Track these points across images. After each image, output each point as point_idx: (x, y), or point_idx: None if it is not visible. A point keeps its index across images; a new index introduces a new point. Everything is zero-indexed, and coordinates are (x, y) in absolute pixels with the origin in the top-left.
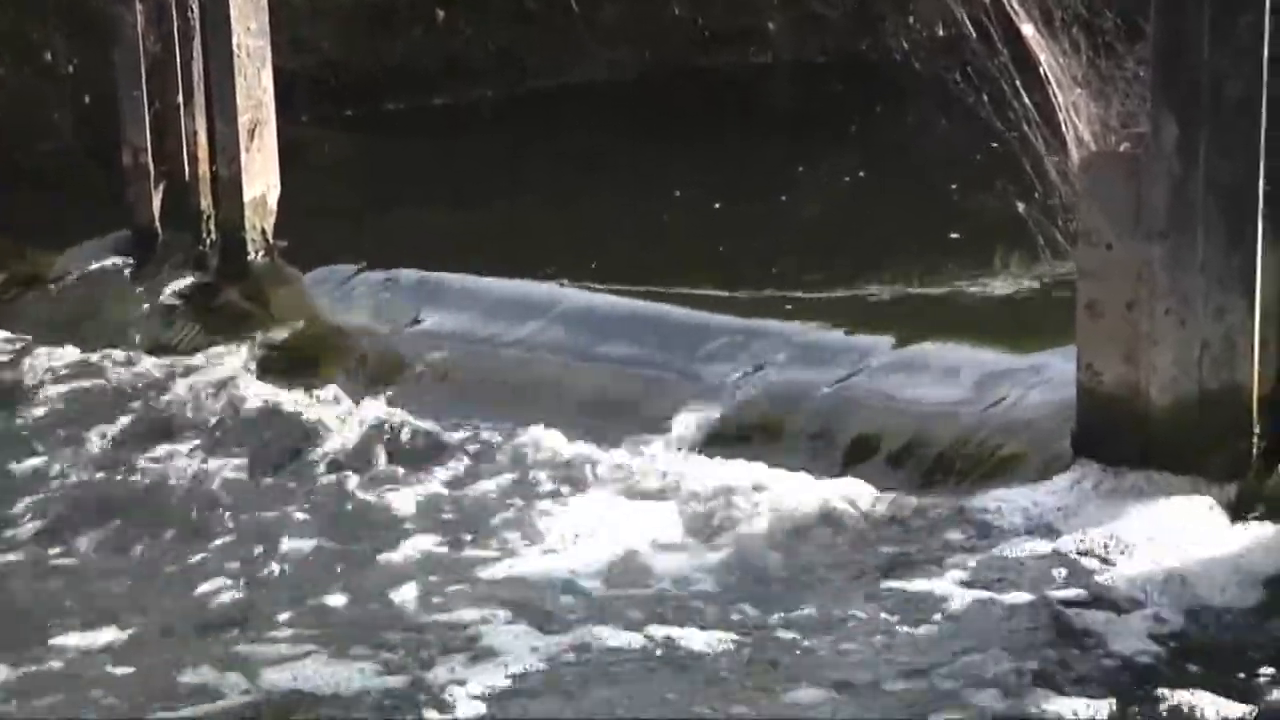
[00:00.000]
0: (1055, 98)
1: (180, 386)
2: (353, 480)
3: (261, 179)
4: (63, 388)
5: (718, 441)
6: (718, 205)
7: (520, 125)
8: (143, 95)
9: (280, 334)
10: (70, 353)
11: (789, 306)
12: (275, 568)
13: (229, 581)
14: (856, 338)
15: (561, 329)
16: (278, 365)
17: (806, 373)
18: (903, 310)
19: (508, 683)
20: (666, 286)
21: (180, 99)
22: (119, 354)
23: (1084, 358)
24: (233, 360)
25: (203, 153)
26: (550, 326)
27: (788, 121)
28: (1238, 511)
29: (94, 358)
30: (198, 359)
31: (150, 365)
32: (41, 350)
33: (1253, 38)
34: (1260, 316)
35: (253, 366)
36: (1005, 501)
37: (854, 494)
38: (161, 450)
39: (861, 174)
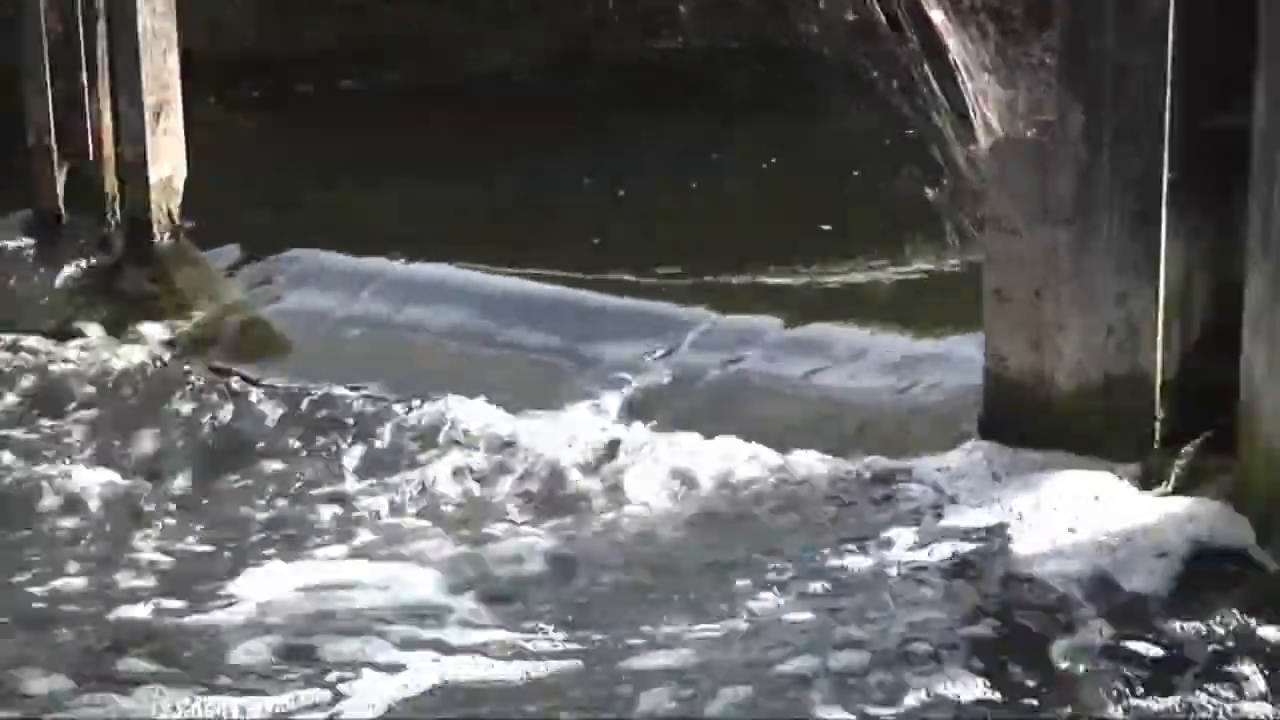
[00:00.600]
0: (963, 84)
1: (80, 367)
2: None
3: (168, 161)
4: None
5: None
6: (621, 192)
7: (428, 109)
8: (46, 75)
9: (185, 316)
10: None
11: (696, 292)
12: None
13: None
14: (761, 321)
15: (464, 312)
16: (181, 346)
17: (713, 356)
18: (811, 296)
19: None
20: (566, 271)
21: (85, 79)
22: (16, 336)
23: (991, 344)
24: (135, 342)
25: (108, 134)
26: (453, 310)
27: (698, 107)
28: (1140, 490)
29: None
30: (99, 341)
31: (50, 347)
32: None
33: (1157, 25)
34: (1164, 302)
35: (156, 348)
36: (908, 476)
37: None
38: (57, 429)
39: (773, 160)
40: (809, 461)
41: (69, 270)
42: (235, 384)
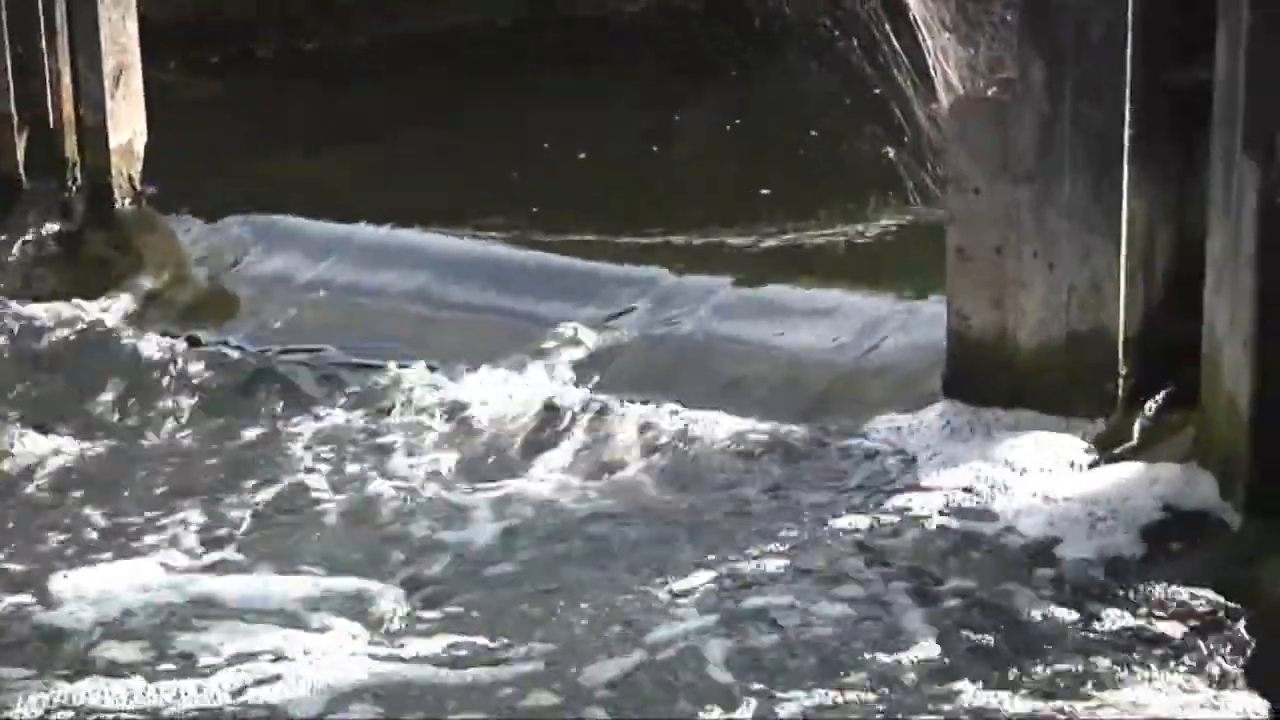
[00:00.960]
0: (924, 43)
1: (43, 333)
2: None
3: (128, 125)
4: None
5: (584, 380)
6: (582, 155)
7: (391, 71)
8: (3, 38)
9: (145, 281)
10: None
11: (660, 252)
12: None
13: None
14: (719, 281)
15: (422, 275)
16: (142, 312)
17: (677, 315)
18: (774, 255)
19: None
20: (524, 232)
21: (43, 43)
22: None
23: (954, 302)
24: (95, 307)
25: (67, 98)
26: (413, 273)
27: (661, 68)
28: (1105, 447)
29: None
30: (61, 306)
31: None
32: None
33: None
34: (1126, 259)
35: (116, 313)
36: (875, 435)
37: (724, 426)
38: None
39: (736, 121)
40: (770, 422)
41: (29, 236)
42: (189, 348)
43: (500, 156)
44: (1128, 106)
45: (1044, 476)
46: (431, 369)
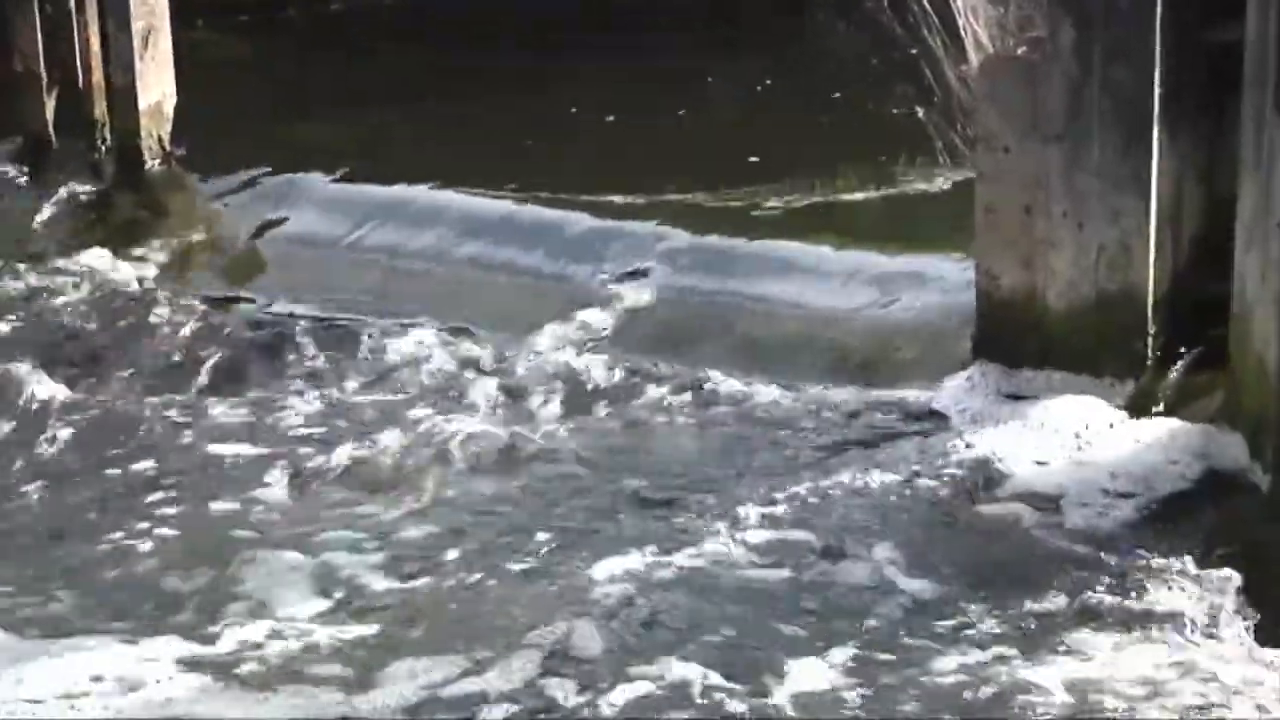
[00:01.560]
0: (954, 1)
1: (74, 292)
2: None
3: (157, 86)
4: None
5: (612, 342)
6: (611, 117)
7: (417, 31)
8: (33, 2)
9: (174, 241)
10: None
11: (690, 213)
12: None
13: None
14: (755, 243)
15: (447, 234)
16: (170, 270)
17: (705, 278)
18: (807, 215)
19: None
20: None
21: (72, 4)
22: (14, 260)
23: (983, 262)
24: (124, 265)
25: (96, 59)
26: (437, 233)
27: (692, 30)
28: (1134, 408)
29: None
30: (90, 264)
31: (41, 270)
32: None
33: None
34: (1156, 219)
35: (144, 271)
36: (906, 394)
37: (757, 389)
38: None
39: (768, 81)
40: (799, 380)
41: (60, 196)
42: (215, 307)
43: (528, 118)
44: (1157, 68)
45: (1073, 437)
46: (452, 328)
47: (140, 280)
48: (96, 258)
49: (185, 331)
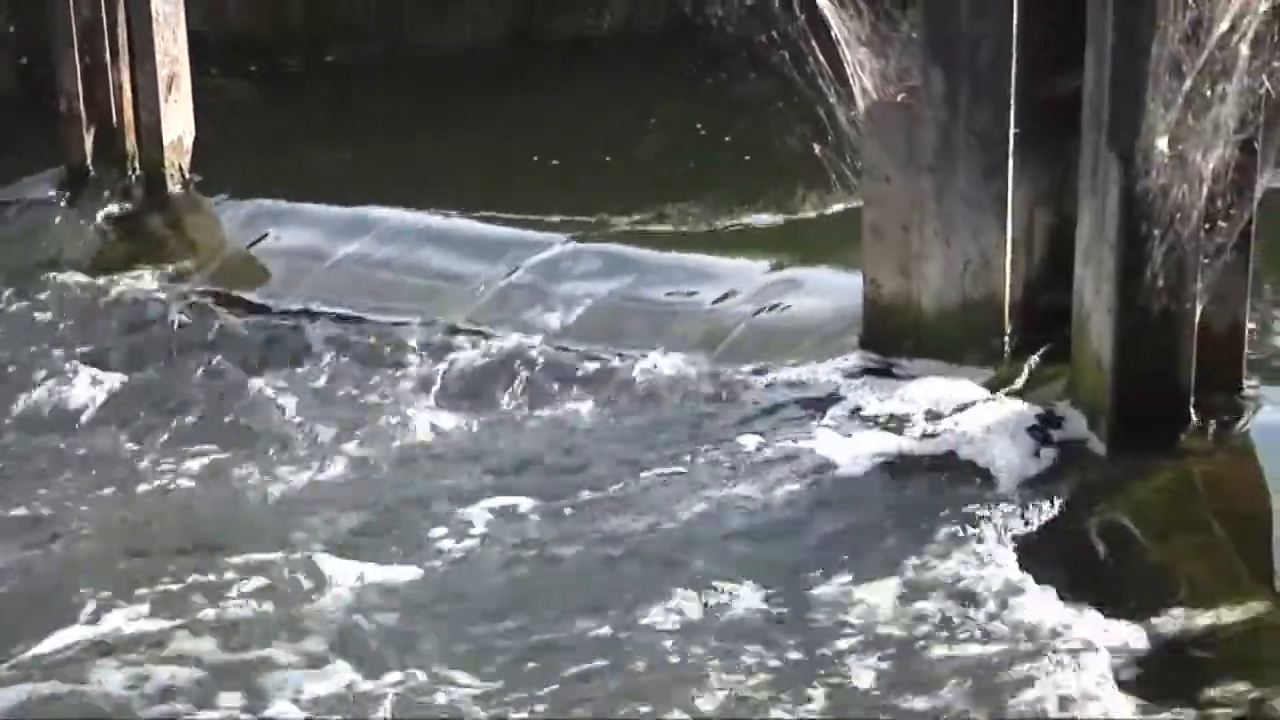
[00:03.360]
0: (844, 56)
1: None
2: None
3: (179, 124)
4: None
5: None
6: (555, 162)
7: (400, 80)
8: (75, 52)
9: (192, 253)
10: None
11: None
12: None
13: None
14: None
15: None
16: (188, 275)
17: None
18: (723, 234)
19: None
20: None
21: (108, 56)
22: (59, 270)
23: (868, 272)
24: (151, 272)
25: (128, 102)
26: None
27: (626, 79)
28: (993, 391)
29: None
30: (123, 272)
31: (82, 276)
32: None
33: (1003, 5)
34: (1011, 238)
35: (166, 277)
36: (804, 377)
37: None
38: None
39: (698, 125)
40: (717, 365)
41: (97, 216)
42: (224, 307)
43: (487, 151)
44: (1012, 112)
45: (943, 414)
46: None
47: (165, 282)
48: (129, 265)
49: (196, 323)
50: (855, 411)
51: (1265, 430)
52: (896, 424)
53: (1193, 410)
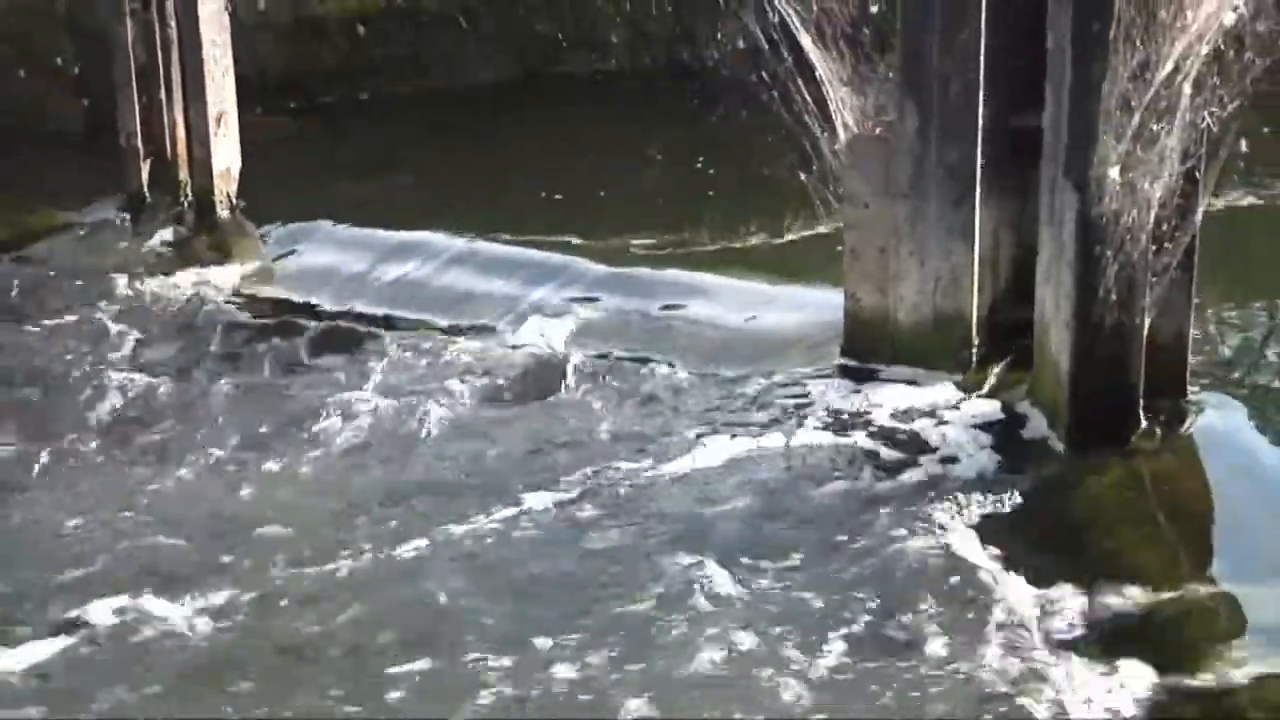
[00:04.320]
0: (827, 94)
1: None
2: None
3: (227, 156)
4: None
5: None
6: (559, 196)
7: (426, 115)
8: (133, 92)
9: (237, 269)
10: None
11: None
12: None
13: None
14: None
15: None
16: (235, 289)
17: (641, 300)
18: (719, 255)
19: None
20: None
21: (163, 96)
22: (123, 281)
23: (849, 289)
24: (203, 286)
25: (181, 136)
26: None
27: (630, 115)
28: (960, 398)
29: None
30: (179, 285)
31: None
32: (62, 276)
33: (971, 49)
34: (978, 259)
35: (217, 290)
36: (792, 380)
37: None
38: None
39: (698, 159)
40: (717, 371)
41: (153, 236)
42: (266, 316)
43: (504, 181)
44: (979, 145)
45: (914, 412)
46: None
47: (215, 294)
48: (184, 280)
49: (244, 329)
50: (836, 412)
51: (1207, 433)
52: (872, 422)
53: (1142, 414)
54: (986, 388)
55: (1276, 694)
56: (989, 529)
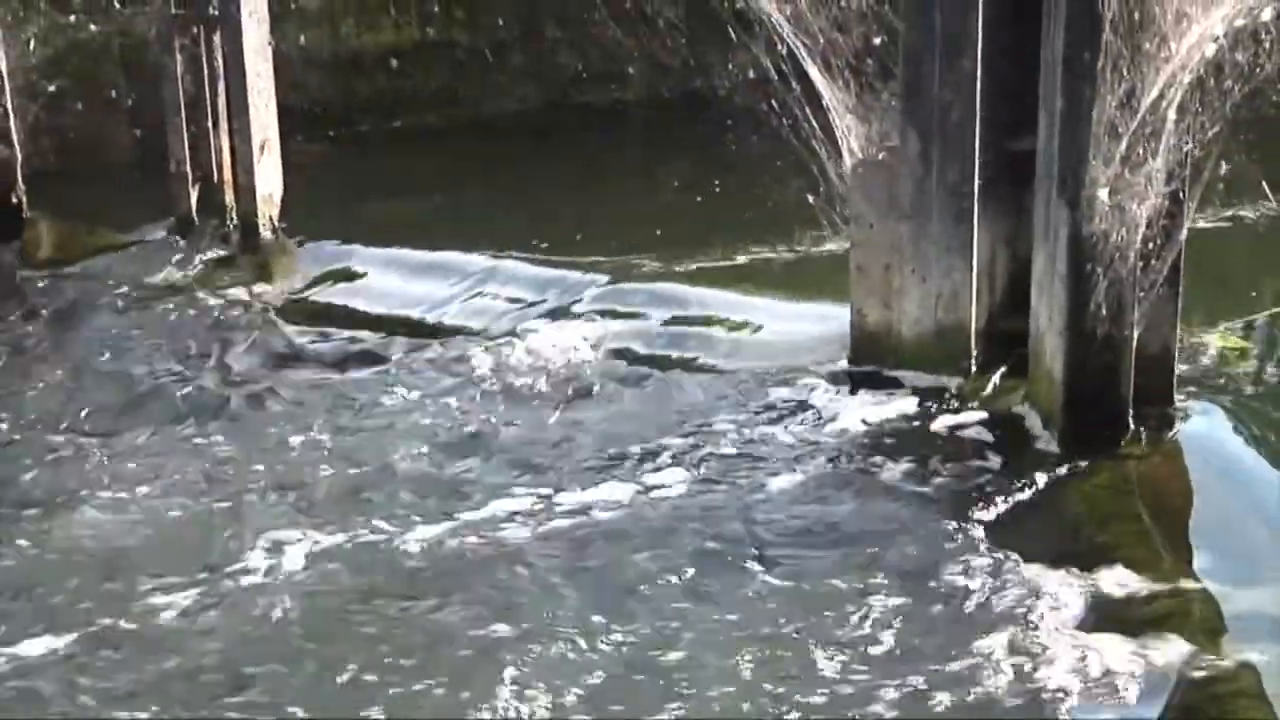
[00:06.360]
0: (834, 121)
1: (221, 316)
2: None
3: (270, 181)
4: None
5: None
6: (579, 218)
7: (455, 142)
8: (182, 121)
9: (280, 285)
10: (141, 293)
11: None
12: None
13: None
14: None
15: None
16: (277, 304)
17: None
18: (733, 270)
19: None
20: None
21: (210, 124)
22: (170, 292)
23: (855, 304)
24: (249, 301)
25: (226, 162)
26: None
27: (648, 141)
28: (961, 403)
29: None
30: (226, 300)
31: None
32: (120, 291)
33: (969, 78)
34: (976, 275)
35: (260, 305)
36: (803, 386)
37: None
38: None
39: (713, 185)
40: (736, 375)
41: (201, 256)
42: (306, 326)
43: (529, 204)
44: (977, 167)
45: (919, 417)
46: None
47: (257, 308)
48: (232, 294)
49: (286, 339)
50: (841, 417)
51: (1192, 438)
52: (876, 426)
53: (1131, 420)
54: (984, 395)
55: (1251, 679)
56: (989, 525)
